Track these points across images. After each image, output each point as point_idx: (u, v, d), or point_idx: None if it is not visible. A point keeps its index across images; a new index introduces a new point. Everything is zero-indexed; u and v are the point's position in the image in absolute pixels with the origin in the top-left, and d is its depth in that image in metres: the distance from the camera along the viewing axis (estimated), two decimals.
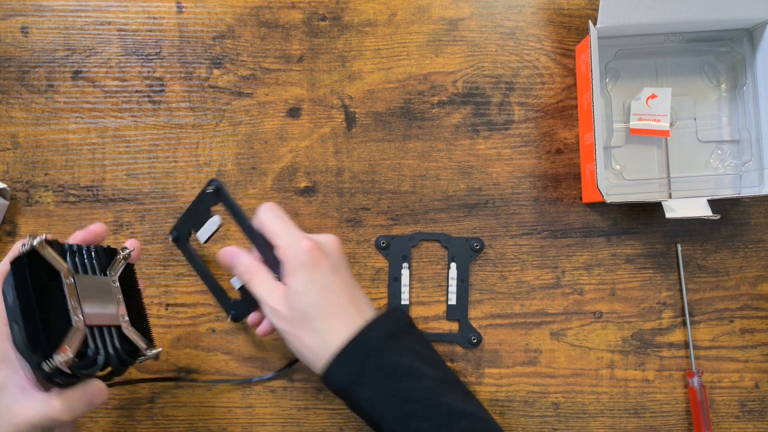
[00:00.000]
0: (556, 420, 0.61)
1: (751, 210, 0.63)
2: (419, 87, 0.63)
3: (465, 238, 0.62)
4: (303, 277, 0.48)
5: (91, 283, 0.46)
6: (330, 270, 0.49)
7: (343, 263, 0.51)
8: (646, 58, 0.62)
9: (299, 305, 0.48)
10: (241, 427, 0.61)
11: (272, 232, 0.50)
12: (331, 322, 0.48)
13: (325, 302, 0.48)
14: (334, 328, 0.48)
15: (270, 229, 0.50)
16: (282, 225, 0.50)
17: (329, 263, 0.49)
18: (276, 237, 0.50)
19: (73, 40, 0.64)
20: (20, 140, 0.63)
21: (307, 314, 0.48)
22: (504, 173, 0.63)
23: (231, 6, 0.64)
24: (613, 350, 0.62)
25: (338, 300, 0.49)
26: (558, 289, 0.62)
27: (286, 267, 0.49)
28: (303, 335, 0.48)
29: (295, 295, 0.48)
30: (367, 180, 0.63)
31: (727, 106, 0.62)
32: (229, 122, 0.63)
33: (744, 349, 0.62)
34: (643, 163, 0.62)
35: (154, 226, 0.62)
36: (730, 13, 0.57)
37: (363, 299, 0.51)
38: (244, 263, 0.51)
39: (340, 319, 0.48)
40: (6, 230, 0.63)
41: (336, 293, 0.49)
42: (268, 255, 0.51)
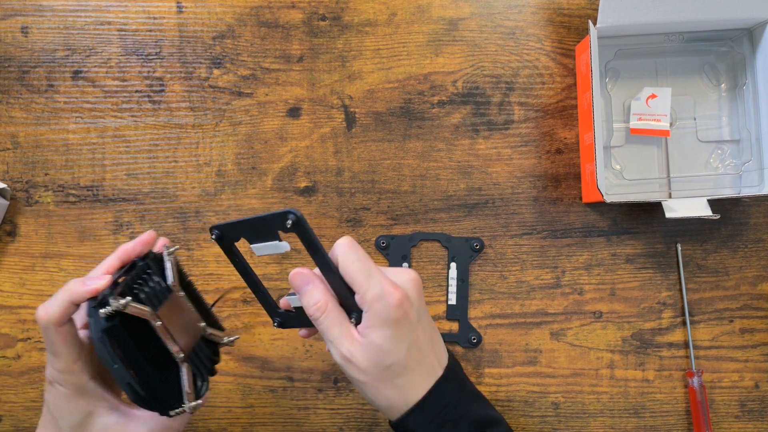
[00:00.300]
0: (556, 420, 0.61)
1: (751, 210, 0.63)
2: (419, 87, 0.63)
3: (465, 238, 0.62)
4: (389, 334, 0.43)
5: (169, 310, 0.46)
6: (416, 321, 0.45)
7: (423, 306, 0.47)
8: (646, 58, 0.62)
9: (383, 363, 0.44)
10: (241, 427, 0.61)
11: (353, 277, 0.44)
12: (413, 377, 0.45)
13: (409, 358, 0.45)
14: (415, 383, 0.45)
15: (351, 273, 0.44)
16: (364, 269, 0.44)
17: (415, 314, 0.45)
18: (358, 284, 0.44)
19: (73, 40, 0.64)
20: (20, 140, 0.63)
21: (389, 371, 0.44)
22: (504, 173, 0.63)
23: (231, 6, 0.64)
24: (613, 350, 0.62)
25: (420, 353, 0.45)
26: (558, 289, 0.62)
27: (370, 320, 0.44)
28: (381, 388, 0.45)
29: (378, 351, 0.44)
30: (367, 180, 0.63)
31: (727, 105, 0.62)
32: (229, 122, 0.63)
33: (744, 349, 0.62)
34: (643, 163, 0.62)
35: (154, 225, 0.62)
36: (730, 13, 0.57)
37: (439, 342, 0.48)
38: (316, 297, 0.45)
39: (421, 373, 0.45)
40: (6, 230, 0.63)
41: (419, 346, 0.45)
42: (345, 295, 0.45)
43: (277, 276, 0.61)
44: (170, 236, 0.62)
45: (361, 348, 0.44)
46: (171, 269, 0.47)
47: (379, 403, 0.45)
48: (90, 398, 0.45)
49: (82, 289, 0.43)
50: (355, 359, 0.44)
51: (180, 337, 0.45)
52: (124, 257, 0.47)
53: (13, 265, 0.63)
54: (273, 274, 0.62)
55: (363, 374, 0.44)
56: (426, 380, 0.45)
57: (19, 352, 0.62)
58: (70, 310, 0.43)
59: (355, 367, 0.44)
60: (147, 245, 0.48)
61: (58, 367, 0.44)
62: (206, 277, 0.62)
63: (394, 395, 0.45)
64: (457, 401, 0.46)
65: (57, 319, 0.43)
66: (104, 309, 0.41)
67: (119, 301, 0.41)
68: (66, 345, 0.44)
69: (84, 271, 0.62)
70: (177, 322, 0.46)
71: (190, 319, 0.48)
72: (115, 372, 0.42)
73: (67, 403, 0.45)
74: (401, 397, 0.45)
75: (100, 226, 0.63)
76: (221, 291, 0.62)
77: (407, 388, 0.45)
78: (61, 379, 0.44)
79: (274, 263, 0.62)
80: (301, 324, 0.49)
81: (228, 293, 0.62)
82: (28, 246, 0.63)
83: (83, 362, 0.45)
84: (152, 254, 0.48)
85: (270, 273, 0.62)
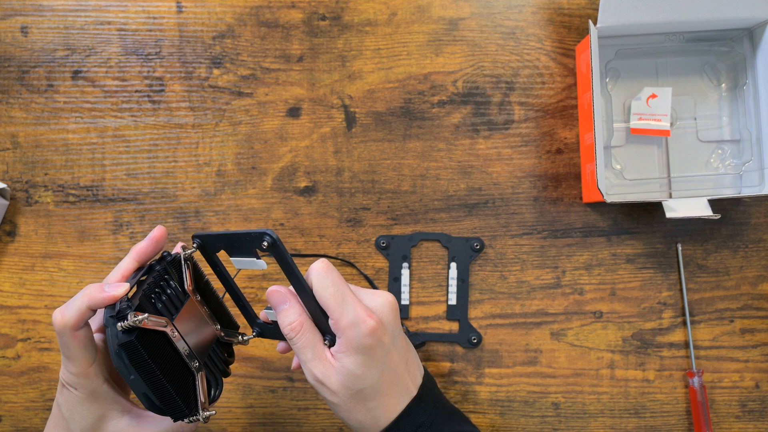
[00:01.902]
0: (556, 420, 0.61)
1: (752, 210, 0.62)
2: (419, 87, 0.63)
3: (465, 238, 0.62)
4: (361, 360, 0.44)
5: (185, 316, 0.46)
6: (390, 345, 0.45)
7: (398, 328, 0.47)
8: (647, 58, 0.62)
9: (355, 387, 0.44)
10: (241, 427, 0.61)
11: (327, 303, 0.44)
12: (386, 400, 0.45)
13: (381, 382, 0.45)
14: (388, 406, 0.45)
15: (324, 298, 0.44)
16: (338, 294, 0.44)
17: (389, 339, 0.45)
18: (332, 310, 0.44)
19: (73, 40, 0.64)
20: (20, 140, 0.63)
21: (361, 395, 0.44)
22: (504, 173, 0.63)
23: (231, 6, 0.64)
24: (614, 350, 0.62)
25: (394, 376, 0.45)
26: (558, 289, 0.62)
27: (344, 345, 0.44)
28: (353, 411, 0.45)
29: (350, 376, 0.44)
30: (367, 180, 0.63)
31: (728, 105, 0.62)
32: (229, 122, 0.63)
33: (744, 349, 0.62)
34: (643, 162, 0.62)
35: (154, 225, 0.62)
36: (730, 13, 0.57)
37: (414, 361, 0.48)
38: (291, 317, 0.45)
39: (393, 395, 0.46)
40: (6, 230, 0.63)
41: (393, 369, 0.45)
42: (320, 317, 0.45)
43: (257, 288, 0.61)
44: (170, 236, 0.62)
45: (333, 371, 0.44)
46: (188, 273, 0.47)
47: (350, 423, 0.46)
48: (103, 402, 0.45)
49: (100, 295, 0.43)
50: (328, 382, 0.44)
51: (195, 343, 0.46)
52: (139, 258, 0.47)
53: (12, 265, 0.63)
54: (253, 286, 0.62)
55: (335, 396, 0.44)
56: (399, 402, 0.46)
57: (18, 352, 0.62)
58: (87, 315, 0.43)
59: (328, 389, 0.44)
60: (159, 242, 0.48)
61: (72, 370, 0.44)
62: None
63: (367, 418, 0.45)
64: (432, 419, 0.46)
65: (73, 324, 0.43)
66: (122, 323, 0.41)
67: (137, 316, 0.41)
68: (81, 349, 0.44)
69: (84, 271, 0.62)
70: (193, 327, 0.46)
71: (204, 323, 0.48)
72: (132, 383, 0.42)
73: (80, 406, 0.45)
74: (373, 419, 0.45)
75: (99, 226, 0.63)
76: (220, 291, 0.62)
77: (380, 411, 0.45)
78: (76, 383, 0.44)
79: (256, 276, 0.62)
80: (279, 337, 0.49)
81: None
82: (27, 246, 0.63)
83: (97, 366, 0.45)
84: (169, 256, 0.48)
85: (250, 286, 0.62)
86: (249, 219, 0.62)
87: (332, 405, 0.46)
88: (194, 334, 0.46)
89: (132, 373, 0.42)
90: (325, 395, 0.45)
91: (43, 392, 0.62)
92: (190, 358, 0.45)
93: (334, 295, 0.44)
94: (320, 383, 0.44)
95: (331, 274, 0.45)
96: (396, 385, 0.46)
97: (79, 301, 0.43)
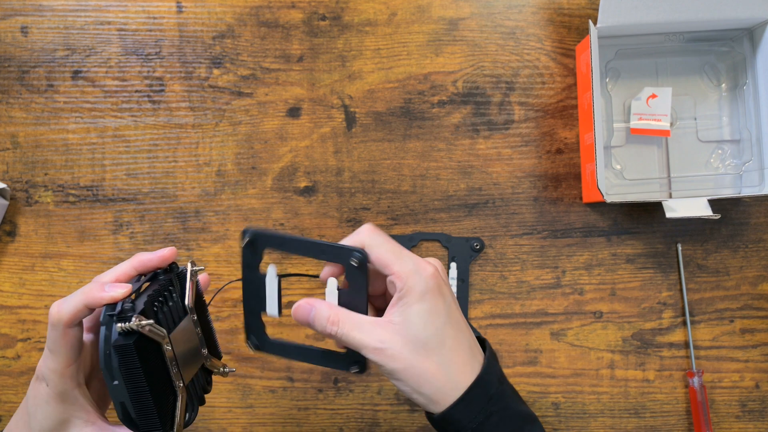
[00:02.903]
0: (556, 420, 0.61)
1: (752, 210, 0.62)
2: (419, 87, 0.63)
3: (465, 238, 0.62)
4: (426, 308, 0.42)
5: (180, 335, 0.44)
6: (449, 297, 0.44)
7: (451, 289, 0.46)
8: (647, 58, 0.62)
9: (420, 337, 0.42)
10: (241, 427, 0.61)
11: (384, 258, 0.43)
12: (456, 358, 0.43)
13: (447, 335, 0.43)
14: (459, 365, 0.43)
15: (381, 254, 0.43)
16: (395, 249, 0.43)
17: (448, 290, 0.44)
18: (390, 264, 0.43)
19: (73, 40, 0.64)
20: (20, 140, 0.63)
21: (428, 347, 0.42)
22: (504, 173, 0.63)
23: (231, 6, 0.64)
24: (614, 350, 0.62)
25: (458, 331, 0.44)
26: (558, 289, 0.62)
27: (405, 297, 0.42)
28: (423, 371, 0.42)
29: (412, 327, 0.42)
30: (367, 180, 0.63)
31: (728, 105, 0.62)
32: (229, 122, 0.63)
33: (744, 349, 0.62)
34: (643, 162, 0.62)
35: (154, 226, 0.62)
36: (730, 13, 0.57)
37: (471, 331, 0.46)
38: (324, 313, 0.43)
39: (461, 353, 0.43)
40: (6, 230, 0.63)
41: (456, 324, 0.44)
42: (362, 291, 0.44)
43: None
44: (170, 236, 0.62)
45: (392, 330, 0.42)
46: (191, 291, 0.46)
47: (424, 390, 0.42)
48: (70, 406, 0.44)
49: (99, 294, 0.42)
50: (390, 345, 0.42)
51: (183, 364, 0.44)
52: (140, 267, 0.45)
53: (12, 265, 0.63)
54: None
55: (399, 359, 0.42)
56: (469, 366, 0.43)
57: (18, 352, 0.62)
58: (83, 314, 0.42)
59: (390, 354, 0.42)
60: (164, 262, 0.46)
61: (51, 366, 0.43)
62: None
63: (439, 376, 0.42)
64: (501, 394, 0.44)
65: (68, 320, 0.42)
66: (123, 324, 0.39)
67: (141, 321, 0.39)
68: (67, 347, 0.43)
69: (84, 271, 0.62)
70: (184, 347, 0.44)
71: (195, 345, 0.46)
72: (113, 388, 0.40)
73: (46, 404, 0.44)
74: (447, 378, 0.42)
75: (99, 226, 0.63)
76: (220, 291, 0.62)
77: (452, 369, 0.42)
78: (49, 378, 0.43)
79: None
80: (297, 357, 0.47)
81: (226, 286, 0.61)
82: (27, 246, 0.63)
83: (76, 367, 0.44)
84: (177, 269, 0.46)
85: None
86: (249, 219, 0.62)
87: (399, 374, 0.42)
88: (185, 353, 0.44)
89: (117, 378, 0.40)
90: (388, 364, 0.42)
91: None
92: (177, 377, 0.43)
93: (390, 250, 0.43)
94: (380, 352, 0.41)
95: (380, 233, 0.44)
96: (462, 344, 0.43)
97: (78, 298, 0.42)
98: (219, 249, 0.62)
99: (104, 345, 0.40)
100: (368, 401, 0.61)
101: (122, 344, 0.39)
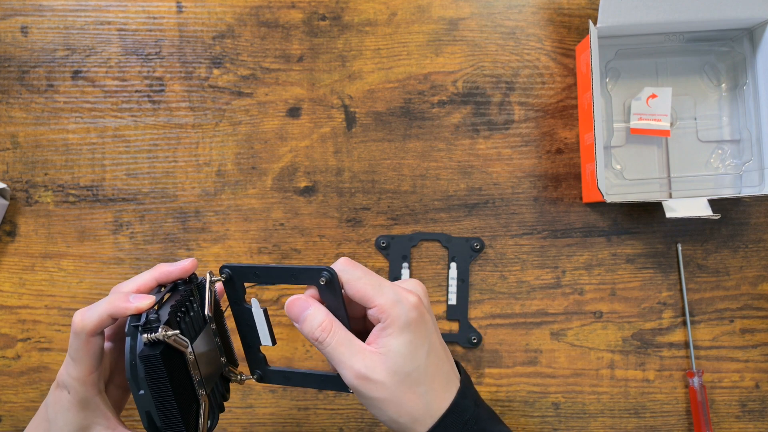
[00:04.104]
0: (556, 420, 0.61)
1: (752, 210, 0.62)
2: (419, 87, 0.63)
3: (465, 238, 0.62)
4: (409, 339, 0.42)
5: (201, 344, 0.45)
6: (431, 325, 0.44)
7: (433, 315, 0.46)
8: (647, 58, 0.62)
9: (403, 370, 0.42)
10: (241, 427, 0.61)
11: (364, 292, 0.42)
12: (435, 386, 0.43)
13: (428, 364, 0.43)
14: (437, 392, 0.43)
15: (361, 289, 0.42)
16: (373, 281, 0.43)
17: (429, 317, 0.44)
18: (371, 297, 0.42)
19: (73, 40, 0.64)
20: (20, 140, 0.63)
21: (410, 379, 0.42)
22: (504, 173, 0.63)
23: (231, 6, 0.64)
24: (614, 350, 0.62)
25: (438, 360, 0.44)
26: (558, 289, 0.62)
27: (389, 328, 0.42)
28: (404, 401, 0.42)
29: (398, 358, 0.41)
30: (367, 180, 0.63)
31: (728, 105, 0.62)
32: (229, 122, 0.63)
33: (744, 349, 0.62)
34: (643, 162, 0.62)
35: (154, 226, 0.62)
36: (730, 13, 0.57)
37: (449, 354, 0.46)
38: (320, 318, 0.43)
39: (441, 382, 0.43)
40: (6, 230, 0.63)
41: (436, 352, 0.44)
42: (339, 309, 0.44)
43: None
44: (170, 236, 0.62)
45: (379, 360, 0.42)
46: (210, 300, 0.46)
47: (401, 420, 0.42)
48: (91, 413, 0.44)
49: (125, 305, 0.42)
50: (374, 374, 0.41)
51: (204, 373, 0.44)
52: (161, 278, 0.45)
53: (12, 265, 0.63)
54: None
55: (382, 389, 0.42)
56: (446, 392, 0.44)
57: (18, 352, 0.62)
58: (107, 323, 0.43)
59: (373, 383, 0.42)
60: (186, 273, 0.46)
61: (73, 374, 0.43)
62: None
63: (418, 406, 0.42)
64: (476, 418, 0.44)
65: (91, 329, 0.42)
66: (149, 335, 0.40)
67: (167, 331, 0.40)
68: (90, 355, 0.43)
69: (84, 271, 0.62)
70: (205, 356, 0.45)
71: (215, 354, 0.47)
72: (139, 398, 0.41)
73: (67, 411, 0.44)
74: (425, 407, 0.42)
75: (99, 226, 0.63)
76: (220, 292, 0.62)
77: (431, 396, 0.43)
78: (71, 386, 0.44)
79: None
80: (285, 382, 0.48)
81: None
82: (27, 246, 0.63)
83: (98, 375, 0.44)
84: (197, 279, 0.47)
85: None
86: (249, 219, 0.62)
87: (379, 404, 0.42)
88: (206, 362, 0.45)
89: (143, 388, 0.40)
90: (371, 393, 0.42)
91: (43, 392, 0.62)
92: (199, 385, 0.43)
93: (369, 283, 0.43)
94: (365, 379, 0.41)
95: (357, 266, 0.44)
96: (441, 370, 0.44)
97: (103, 308, 0.42)
98: (219, 249, 0.62)
99: (130, 355, 0.40)
100: None
101: (149, 354, 0.40)
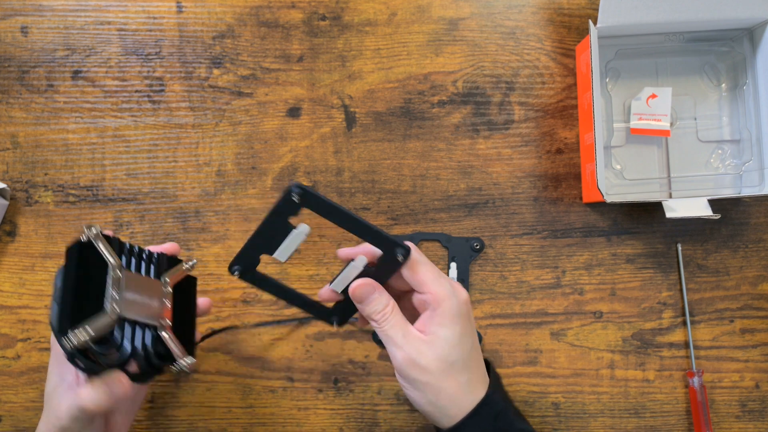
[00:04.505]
0: (556, 420, 0.61)
1: (752, 210, 0.62)
2: (419, 87, 0.63)
3: (465, 238, 0.62)
4: (458, 330, 0.45)
5: (141, 281, 0.47)
6: (473, 322, 0.48)
7: None
8: (647, 58, 0.62)
9: (449, 358, 0.45)
10: (241, 427, 0.61)
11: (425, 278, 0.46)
12: (473, 377, 0.47)
13: (470, 357, 0.46)
14: (475, 384, 0.47)
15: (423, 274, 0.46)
16: (434, 270, 0.47)
17: (472, 316, 0.48)
18: (430, 283, 0.46)
19: (73, 40, 0.64)
20: (20, 140, 0.63)
21: (453, 368, 0.45)
22: (504, 173, 0.63)
23: (231, 6, 0.64)
24: (614, 350, 0.62)
25: (477, 354, 0.48)
26: (558, 289, 0.62)
27: (440, 317, 0.45)
28: (445, 387, 0.45)
29: (446, 346, 0.45)
30: (367, 180, 0.63)
31: (728, 105, 0.62)
32: (229, 122, 0.63)
33: (744, 349, 0.62)
34: (643, 162, 0.62)
35: (154, 226, 0.62)
36: (730, 13, 0.57)
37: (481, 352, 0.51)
38: (383, 300, 0.47)
39: (478, 375, 0.47)
40: (6, 230, 0.63)
41: (476, 347, 0.48)
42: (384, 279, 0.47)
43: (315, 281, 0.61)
44: (170, 236, 0.62)
45: (428, 346, 0.45)
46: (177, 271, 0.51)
47: (440, 403, 0.45)
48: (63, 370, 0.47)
49: None
50: (422, 359, 0.45)
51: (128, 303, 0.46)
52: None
53: (12, 265, 0.63)
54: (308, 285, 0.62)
55: (426, 374, 0.45)
56: (481, 384, 0.47)
57: (18, 352, 0.62)
58: None
59: (419, 367, 0.45)
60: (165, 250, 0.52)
61: None
62: (206, 278, 0.62)
63: (458, 393, 0.45)
64: (506, 412, 0.47)
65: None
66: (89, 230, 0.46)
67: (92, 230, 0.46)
68: None
69: None
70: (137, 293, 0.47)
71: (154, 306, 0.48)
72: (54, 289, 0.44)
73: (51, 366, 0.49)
74: (463, 395, 0.46)
75: (99, 225, 0.63)
76: (220, 291, 0.62)
77: (470, 386, 0.46)
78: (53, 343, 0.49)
79: (306, 269, 0.62)
80: (352, 310, 0.49)
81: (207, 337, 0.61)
82: (27, 246, 0.63)
83: None
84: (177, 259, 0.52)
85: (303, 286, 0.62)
86: (249, 219, 0.62)
87: (422, 385, 0.45)
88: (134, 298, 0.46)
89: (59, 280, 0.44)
90: (416, 375, 0.45)
91: (43, 392, 0.62)
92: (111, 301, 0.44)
93: (430, 271, 0.46)
94: (412, 363, 0.45)
95: (422, 253, 0.47)
96: (479, 365, 0.47)
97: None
98: (219, 249, 0.62)
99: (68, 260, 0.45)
100: (368, 401, 0.61)
101: (71, 245, 0.44)
